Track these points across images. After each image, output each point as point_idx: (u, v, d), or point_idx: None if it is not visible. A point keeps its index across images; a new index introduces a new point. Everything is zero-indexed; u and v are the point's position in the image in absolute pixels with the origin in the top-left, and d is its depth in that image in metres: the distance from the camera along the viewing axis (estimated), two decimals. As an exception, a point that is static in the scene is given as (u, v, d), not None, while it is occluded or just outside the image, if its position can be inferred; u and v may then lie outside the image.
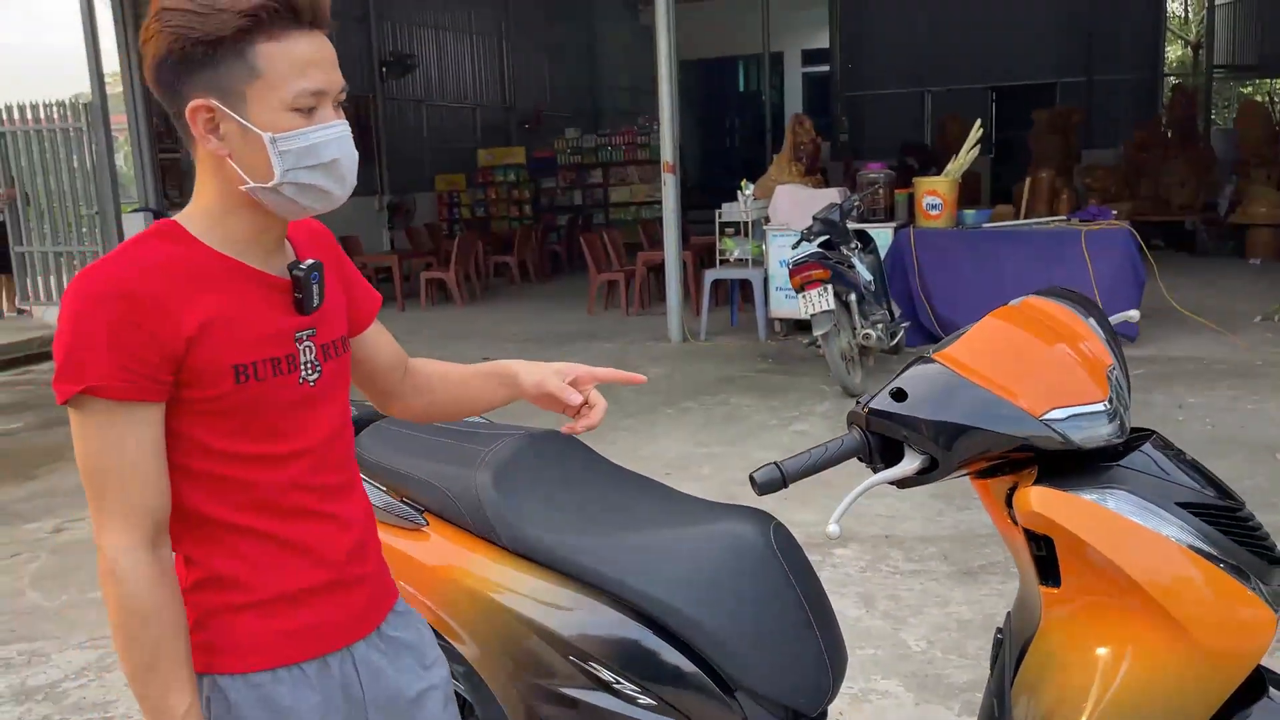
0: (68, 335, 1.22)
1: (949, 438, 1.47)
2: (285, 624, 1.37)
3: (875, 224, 8.18)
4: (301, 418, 1.36)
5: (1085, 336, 1.61)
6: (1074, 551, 1.44)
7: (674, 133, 8.55)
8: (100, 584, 1.26)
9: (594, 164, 15.39)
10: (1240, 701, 1.49)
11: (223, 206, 1.31)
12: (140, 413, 1.24)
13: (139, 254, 1.27)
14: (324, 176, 1.30)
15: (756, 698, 1.74)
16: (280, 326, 1.34)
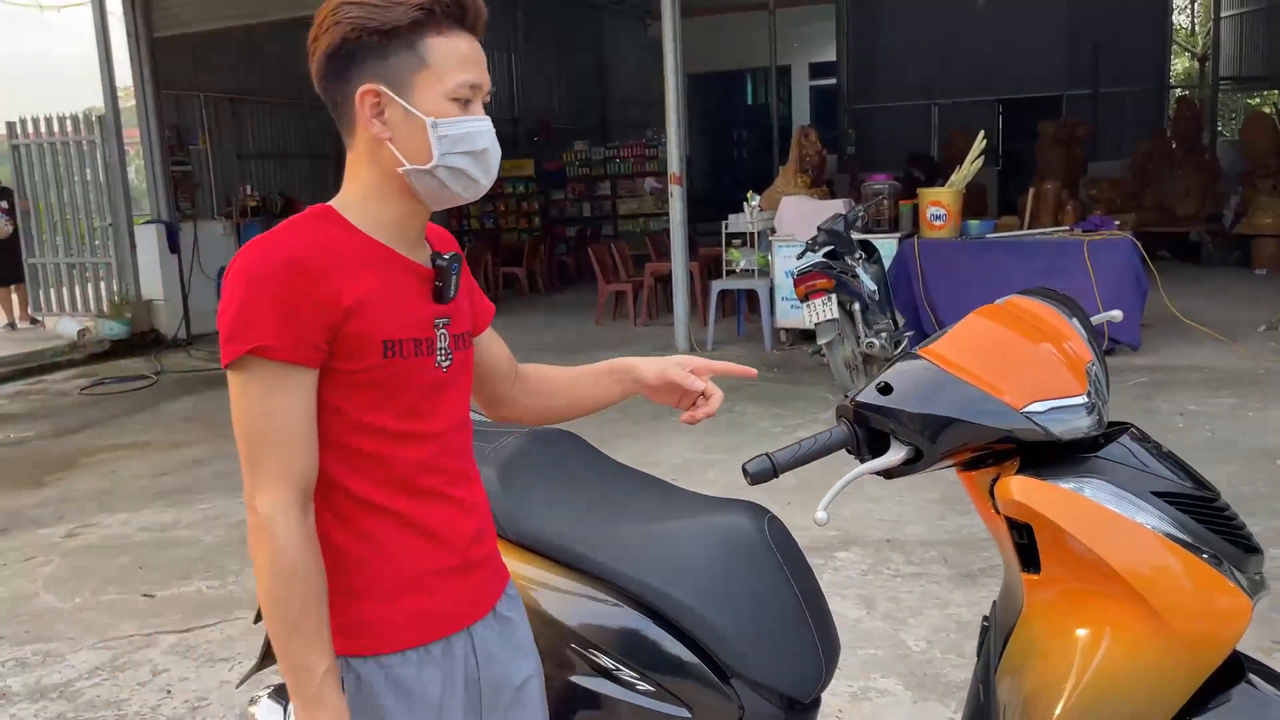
0: (238, 299, 1.30)
1: (934, 430, 1.53)
2: (413, 606, 1.42)
3: (880, 234, 8.25)
4: (435, 400, 1.44)
5: (1066, 334, 1.66)
6: (1053, 539, 1.50)
7: (681, 146, 8.63)
8: (250, 542, 1.32)
9: (602, 176, 15.48)
10: (1218, 686, 1.55)
11: (377, 191, 1.40)
12: (299, 377, 1.31)
13: (304, 230, 1.36)
14: (474, 164, 1.40)
15: (752, 684, 1.80)
16: (422, 311, 1.42)
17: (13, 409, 8.09)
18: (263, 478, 1.30)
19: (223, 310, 1.33)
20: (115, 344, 10.20)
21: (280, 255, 1.31)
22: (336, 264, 1.33)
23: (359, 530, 1.39)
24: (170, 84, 11.17)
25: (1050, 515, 1.48)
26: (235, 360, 1.30)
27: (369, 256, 1.38)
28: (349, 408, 1.36)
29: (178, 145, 11.21)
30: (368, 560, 1.40)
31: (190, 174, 11.45)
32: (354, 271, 1.35)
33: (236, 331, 1.29)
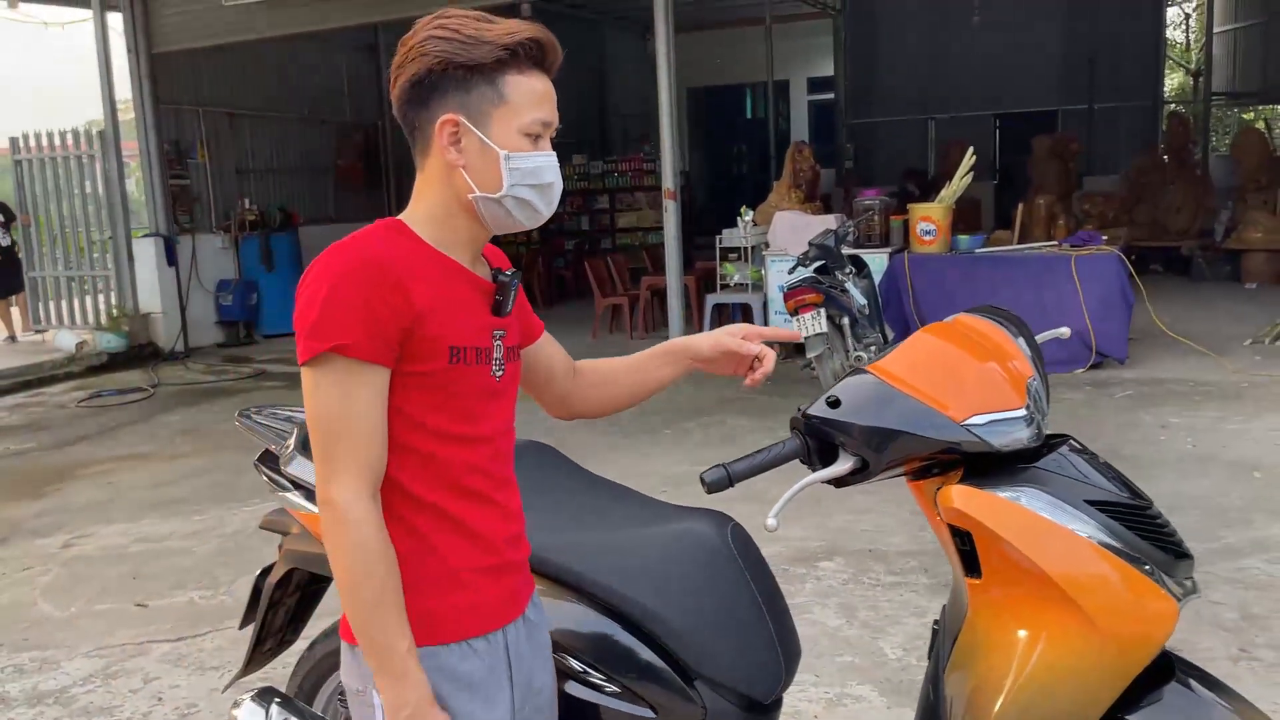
0: (322, 298, 1.39)
1: (879, 442, 1.61)
2: (459, 600, 1.51)
3: (871, 249, 8.35)
4: (488, 407, 1.54)
5: (1010, 351, 1.75)
6: (991, 545, 1.58)
7: (675, 161, 8.73)
8: (327, 533, 1.40)
9: (601, 190, 15.58)
10: (1151, 684, 1.63)
11: (446, 211, 1.50)
12: (375, 375, 1.40)
13: (380, 238, 1.46)
14: (539, 195, 1.51)
15: (714, 686, 1.88)
16: (483, 322, 1.53)
17: (11, 421, 8.18)
18: (338, 469, 1.38)
19: (304, 308, 1.41)
20: (113, 357, 10.29)
21: (363, 258, 1.41)
22: (409, 271, 1.42)
23: (410, 527, 1.48)
24: (170, 99, 11.28)
25: (988, 523, 1.56)
26: (316, 356, 1.39)
27: (436, 267, 1.48)
28: (410, 408, 1.45)
29: (177, 159, 11.32)
30: (417, 555, 1.48)
31: (189, 188, 11.55)
32: (424, 280, 1.44)
33: (320, 329, 1.38)
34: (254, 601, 2.38)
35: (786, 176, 9.95)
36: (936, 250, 8.11)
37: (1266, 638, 3.42)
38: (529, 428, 1.79)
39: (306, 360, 1.40)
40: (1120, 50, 16.08)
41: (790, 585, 4.05)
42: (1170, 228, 13.07)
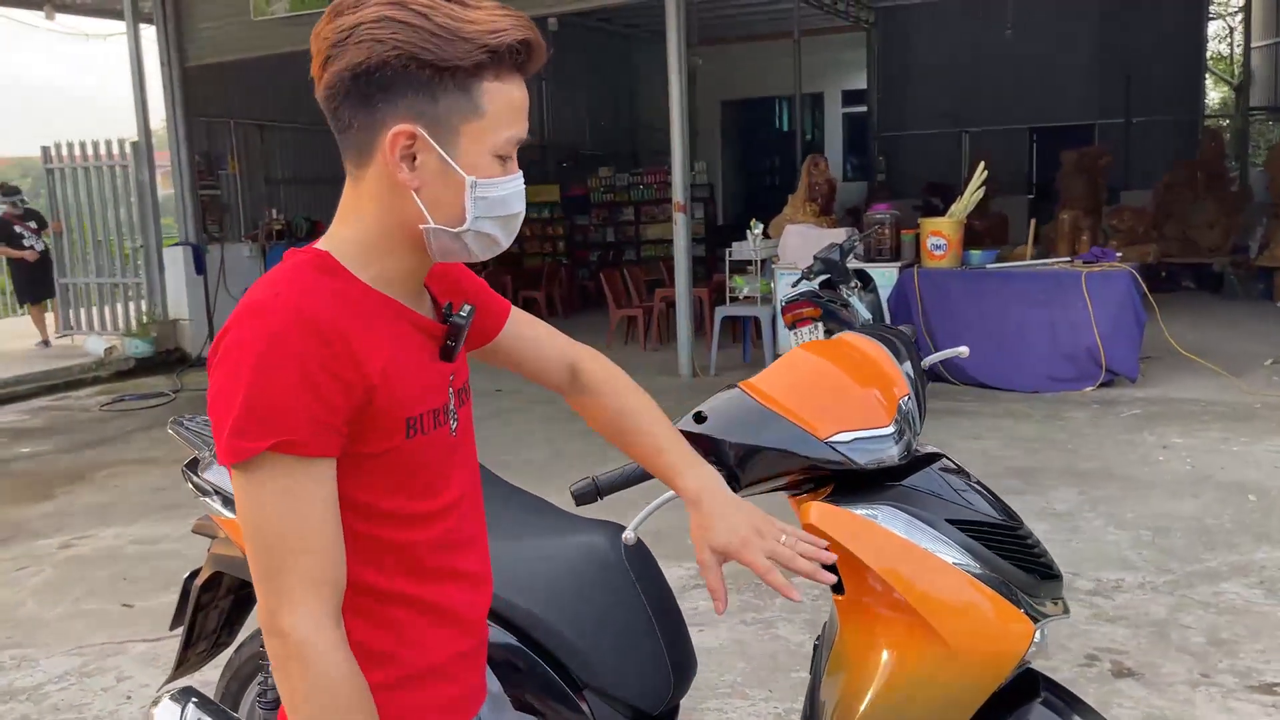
0: (246, 381, 1.08)
1: (742, 457, 1.63)
2: (441, 694, 1.29)
3: (882, 264, 8.31)
4: (450, 471, 1.28)
5: (886, 369, 1.76)
6: (848, 563, 1.59)
7: (685, 173, 8.78)
8: (282, 672, 1.11)
9: (626, 202, 15.66)
10: (1015, 703, 1.63)
11: (385, 239, 1.20)
12: (322, 470, 1.12)
13: (309, 286, 1.14)
14: (502, 228, 1.23)
15: (603, 696, 1.90)
16: (436, 374, 1.25)
17: (33, 424, 8.39)
18: (293, 593, 1.10)
19: (224, 392, 1.10)
20: (140, 362, 10.51)
21: (297, 319, 1.10)
22: (354, 329, 1.13)
23: (379, 621, 1.24)
24: (201, 110, 11.53)
25: (842, 540, 1.57)
26: (252, 458, 1.09)
27: (379, 315, 1.18)
28: (363, 495, 1.19)
29: (207, 170, 11.56)
30: (392, 653, 1.24)
31: (219, 198, 11.79)
32: (372, 337, 1.15)
33: (247, 424, 1.08)
34: (183, 603, 2.44)
35: (802, 189, 9.94)
36: (947, 265, 8.06)
37: (1230, 663, 3.37)
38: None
39: (236, 463, 1.10)
40: (1160, 63, 15.87)
41: (760, 600, 4.05)
42: (1202, 244, 12.86)
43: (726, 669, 3.50)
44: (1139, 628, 3.67)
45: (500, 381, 8.72)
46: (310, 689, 1.11)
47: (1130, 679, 3.31)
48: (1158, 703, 3.15)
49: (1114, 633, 3.64)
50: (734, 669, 3.50)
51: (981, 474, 5.69)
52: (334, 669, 1.12)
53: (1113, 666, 3.39)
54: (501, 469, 1.72)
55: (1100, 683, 3.29)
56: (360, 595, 1.21)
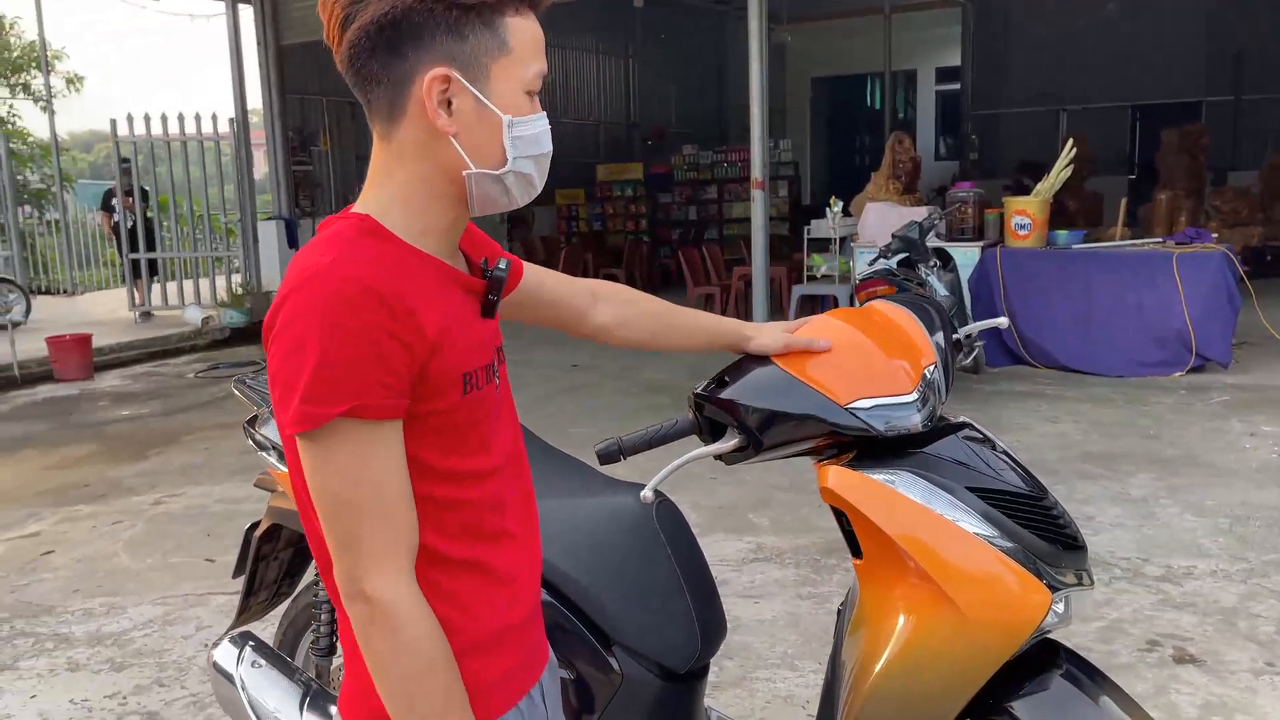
0: (318, 346, 1.07)
1: (762, 422, 1.65)
2: (500, 665, 1.28)
3: (964, 243, 8.16)
4: (497, 427, 1.29)
5: (914, 338, 1.76)
6: (864, 527, 1.61)
7: (765, 151, 8.73)
8: (368, 638, 1.12)
9: (709, 180, 15.63)
10: (1035, 673, 1.63)
11: (427, 194, 1.20)
12: (391, 432, 1.12)
13: (365, 250, 1.13)
14: (537, 168, 1.24)
15: (631, 653, 1.95)
16: (482, 331, 1.26)
17: (135, 388, 8.78)
18: (373, 558, 1.11)
19: (290, 360, 1.09)
20: (235, 332, 10.90)
21: (360, 290, 1.09)
22: (410, 291, 1.13)
23: (440, 590, 1.21)
24: (296, 89, 11.85)
25: (857, 504, 1.59)
26: (323, 426, 1.09)
27: (429, 276, 1.18)
28: (423, 454, 1.18)
29: (300, 147, 11.89)
30: (454, 621, 1.21)
31: (311, 173, 12.14)
32: (426, 295, 1.15)
33: (318, 390, 1.07)
34: (244, 553, 2.56)
35: (885, 167, 9.79)
36: (1032, 245, 7.87)
37: (1299, 654, 3.27)
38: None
39: (307, 430, 1.10)
40: (1273, 38, 15.17)
41: (817, 575, 4.06)
42: (1311, 227, 12.30)
43: (779, 640, 3.52)
44: (1206, 615, 3.58)
45: (576, 357, 8.83)
46: (398, 651, 1.12)
47: (1192, 665, 3.24)
48: (1218, 690, 3.08)
49: (1179, 619, 3.56)
50: (786, 640, 3.52)
51: (1057, 459, 5.60)
52: (421, 629, 1.13)
53: (1174, 652, 3.32)
54: (571, 441, 1.77)
55: (1160, 668, 3.23)
56: (423, 563, 1.19)
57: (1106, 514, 4.64)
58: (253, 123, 12.46)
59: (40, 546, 4.84)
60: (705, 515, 4.79)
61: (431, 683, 1.14)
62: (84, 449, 6.71)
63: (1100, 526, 4.48)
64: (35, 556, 4.70)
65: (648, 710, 1.97)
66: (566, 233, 15.67)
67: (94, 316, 12.05)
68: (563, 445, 2.32)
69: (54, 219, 15.90)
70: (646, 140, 18.02)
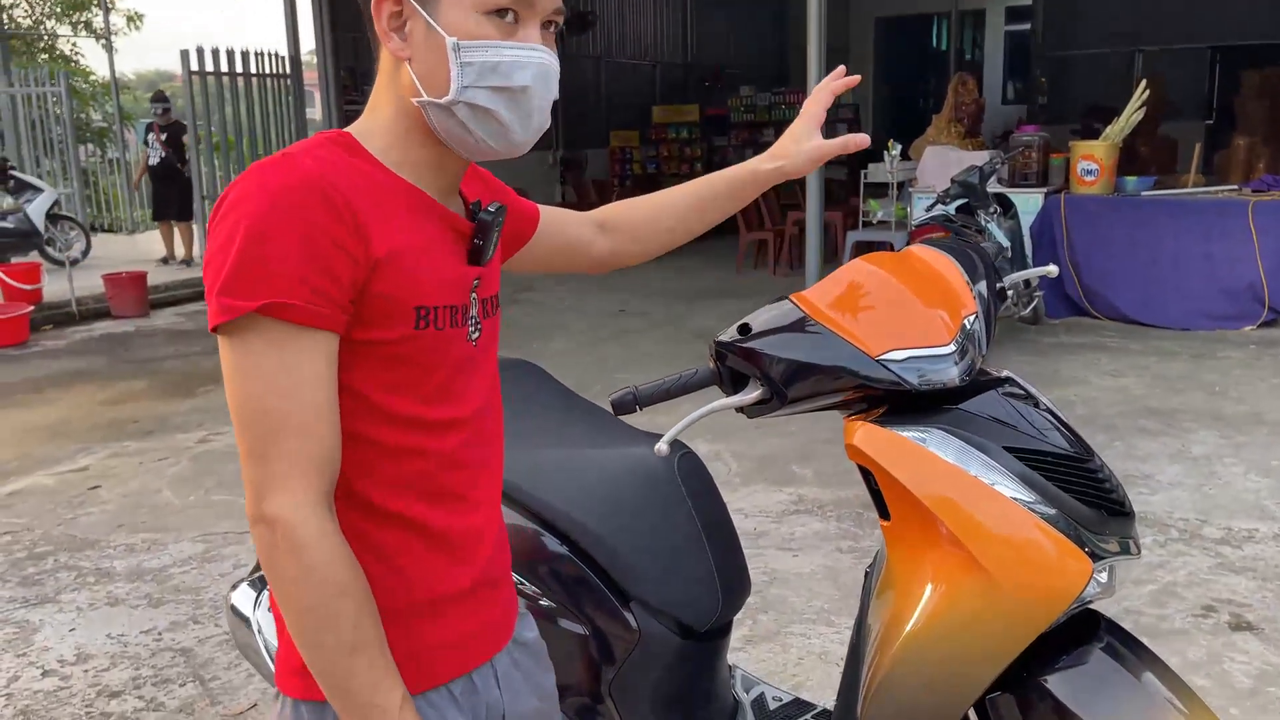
0: (243, 236, 0.99)
1: (786, 373, 1.54)
2: (431, 637, 1.18)
3: (1027, 188, 7.88)
4: (465, 380, 1.19)
5: (953, 285, 1.64)
6: (892, 488, 1.50)
7: (821, 91, 8.45)
8: (267, 559, 1.03)
9: (767, 122, 15.30)
10: (1071, 644, 1.53)
11: (402, 123, 1.14)
12: (321, 343, 1.03)
13: (323, 155, 1.07)
14: (506, 104, 1.11)
15: (649, 609, 1.88)
16: (459, 273, 1.17)
17: (186, 326, 8.89)
18: (279, 473, 1.02)
19: (215, 253, 1.01)
20: (287, 272, 10.93)
21: (297, 180, 1.02)
22: (365, 202, 1.06)
23: (371, 545, 1.13)
24: (349, 27, 11.75)
25: (884, 463, 1.49)
26: (235, 319, 1.00)
27: (399, 199, 1.11)
28: (364, 387, 1.09)
29: (353, 86, 11.81)
30: (382, 583, 1.12)
31: (363, 113, 12.06)
32: (384, 215, 1.08)
33: (238, 281, 0.99)
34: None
35: (947, 110, 9.47)
36: (1098, 192, 7.58)
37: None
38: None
39: (222, 324, 1.01)
40: (1364, -24, 14.36)
41: (859, 529, 3.97)
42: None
43: (816, 595, 3.44)
44: (1267, 580, 3.43)
45: (625, 301, 8.74)
46: (302, 578, 1.02)
47: (1248, 633, 3.10)
48: (1275, 660, 2.94)
49: (1238, 584, 3.41)
50: (823, 595, 3.44)
51: (1116, 413, 5.42)
52: (327, 556, 1.02)
53: (1231, 619, 3.18)
54: (614, 387, 1.65)
55: (1215, 634, 3.09)
56: (353, 510, 1.11)
57: (1165, 472, 4.46)
58: (308, 63, 12.41)
59: (88, 481, 4.91)
60: (747, 465, 4.71)
61: (338, 611, 1.03)
62: (136, 385, 6.79)
63: (1158, 485, 4.32)
64: (83, 491, 4.77)
65: (667, 668, 1.91)
66: (620, 176, 15.47)
67: (153, 255, 12.19)
68: (606, 391, 2.24)
69: (115, 157, 16.07)
70: (704, 82, 17.68)
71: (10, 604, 3.62)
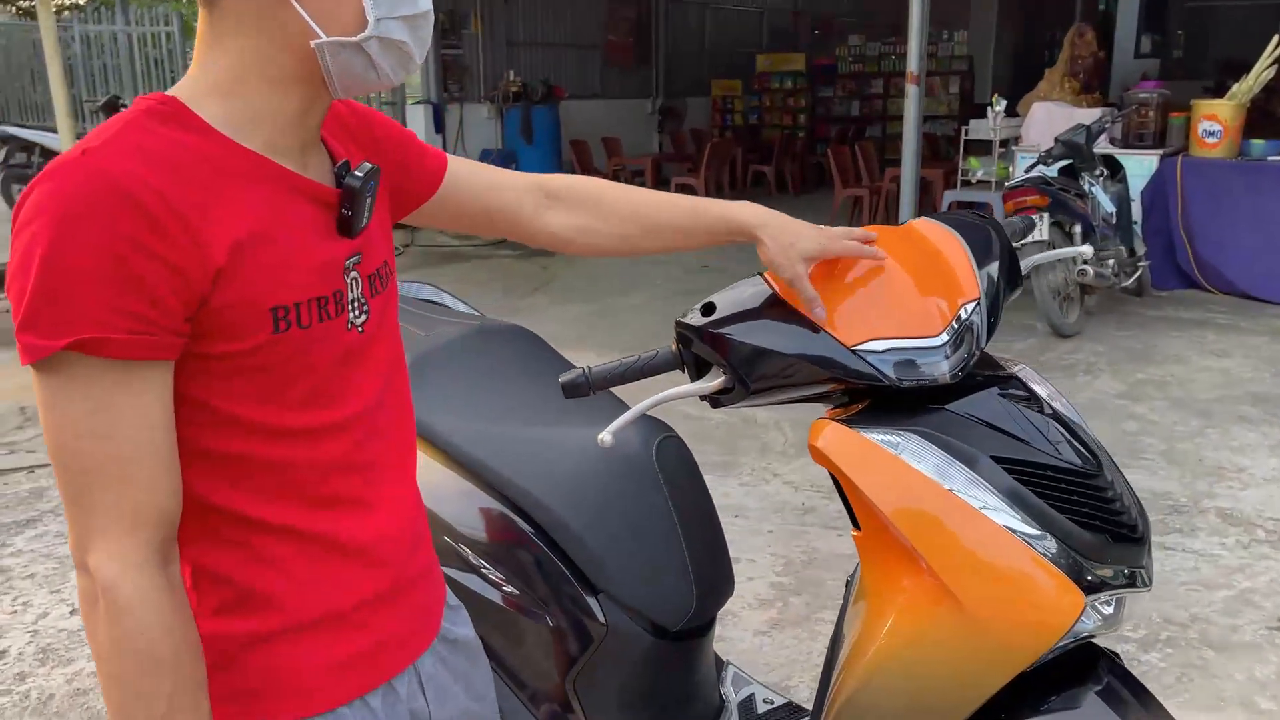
0: (37, 264, 0.85)
1: (747, 360, 1.37)
2: (342, 650, 1.07)
3: (1142, 150, 7.36)
4: (349, 375, 1.05)
5: (953, 266, 1.43)
6: (859, 498, 1.33)
7: (922, 42, 8.03)
8: (87, 613, 0.92)
9: (875, 73, 14.72)
10: (1067, 681, 1.34)
11: (258, 77, 0.96)
12: (147, 376, 0.90)
13: (135, 141, 0.90)
14: (412, 33, 1.00)
15: (618, 603, 1.74)
16: (326, 254, 1.01)
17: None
18: (99, 525, 0.90)
19: (13, 276, 0.87)
20: (381, 216, 11.03)
21: (96, 187, 0.86)
22: (194, 194, 0.90)
23: (255, 556, 1.02)
24: (448, -31, 11.68)
25: (847, 470, 1.31)
26: (47, 358, 0.87)
27: (241, 176, 0.95)
28: (222, 402, 0.96)
29: (451, 29, 11.76)
30: (274, 596, 1.03)
31: (461, 58, 12.01)
32: (223, 200, 0.92)
33: (39, 316, 0.86)
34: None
35: (1062, 63, 8.92)
36: (1220, 155, 7.02)
37: None
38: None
39: (30, 362, 0.88)
40: None
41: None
42: None
43: (855, 579, 3.26)
44: (1359, 595, 3.11)
45: (705, 257, 8.52)
46: (118, 641, 0.91)
47: (1329, 654, 2.80)
48: (1356, 687, 2.65)
49: (1325, 597, 3.10)
50: (863, 580, 3.25)
51: (1214, 398, 5.05)
52: (146, 623, 0.91)
53: (1312, 636, 2.89)
54: None
55: (1290, 653, 2.81)
56: (229, 525, 1.00)
57: (1262, 466, 4.11)
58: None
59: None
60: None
61: (153, 684, 0.91)
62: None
63: (1251, 480, 3.97)
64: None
65: (636, 666, 1.77)
66: (721, 126, 15.13)
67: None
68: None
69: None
70: (814, 29, 17.12)
71: (58, 538, 3.68)
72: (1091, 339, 6.01)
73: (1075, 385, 5.14)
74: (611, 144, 12.15)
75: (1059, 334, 5.95)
